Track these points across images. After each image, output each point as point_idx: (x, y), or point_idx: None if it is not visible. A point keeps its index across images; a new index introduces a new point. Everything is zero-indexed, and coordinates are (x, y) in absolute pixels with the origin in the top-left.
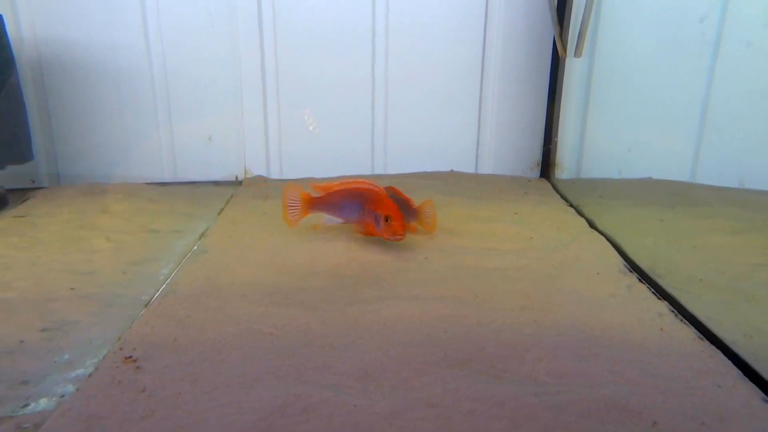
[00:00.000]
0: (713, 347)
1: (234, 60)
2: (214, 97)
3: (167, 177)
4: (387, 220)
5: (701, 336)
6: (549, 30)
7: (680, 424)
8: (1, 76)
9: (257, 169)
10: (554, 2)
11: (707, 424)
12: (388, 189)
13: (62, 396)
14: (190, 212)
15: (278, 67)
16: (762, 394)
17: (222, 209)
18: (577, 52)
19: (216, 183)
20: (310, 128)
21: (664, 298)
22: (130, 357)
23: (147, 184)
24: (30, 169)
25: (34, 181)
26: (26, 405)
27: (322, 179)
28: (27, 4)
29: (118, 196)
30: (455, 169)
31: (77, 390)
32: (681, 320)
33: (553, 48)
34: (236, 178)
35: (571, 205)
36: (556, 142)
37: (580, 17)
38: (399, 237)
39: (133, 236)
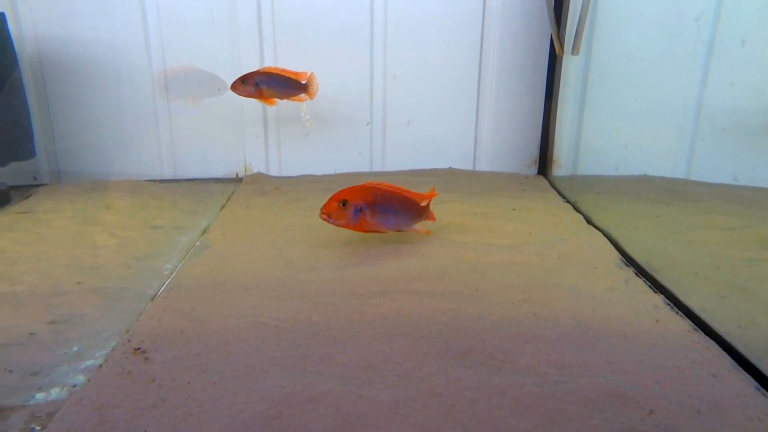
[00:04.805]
0: (708, 338)
1: (234, 57)
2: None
3: (167, 174)
4: None
5: (696, 327)
6: (546, 28)
7: (676, 411)
8: (4, 73)
9: (257, 166)
10: (551, 0)
11: (702, 412)
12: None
13: (74, 386)
14: (192, 209)
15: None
16: (755, 383)
17: (224, 205)
18: (574, 50)
19: (217, 180)
20: (307, 125)
21: (660, 292)
22: (139, 348)
23: (148, 181)
24: (32, 166)
25: (35, 178)
26: (39, 395)
27: (320, 176)
28: (28, 2)
29: (119, 193)
30: (453, 166)
31: (89, 380)
32: (676, 312)
33: (550, 46)
34: (237, 175)
35: (568, 202)
36: (553, 140)
37: (577, 15)
38: (322, 213)
39: (137, 232)
